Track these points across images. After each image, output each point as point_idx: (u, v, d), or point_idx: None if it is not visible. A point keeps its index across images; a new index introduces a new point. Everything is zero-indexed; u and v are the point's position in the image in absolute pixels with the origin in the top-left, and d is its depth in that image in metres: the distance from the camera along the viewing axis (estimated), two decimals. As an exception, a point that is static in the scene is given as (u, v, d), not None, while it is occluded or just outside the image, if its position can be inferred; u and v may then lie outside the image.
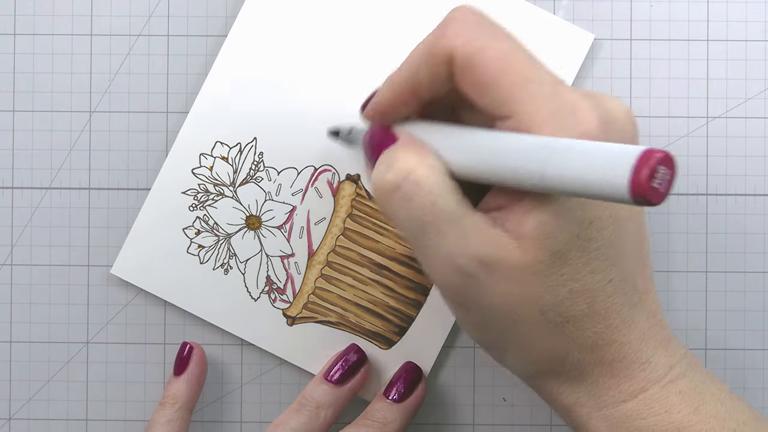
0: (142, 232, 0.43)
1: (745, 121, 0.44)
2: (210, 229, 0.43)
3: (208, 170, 0.43)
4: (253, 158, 0.43)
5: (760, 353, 0.44)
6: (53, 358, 0.44)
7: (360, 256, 0.43)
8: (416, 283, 0.43)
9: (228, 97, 0.43)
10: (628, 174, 0.27)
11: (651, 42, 0.44)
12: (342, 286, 0.44)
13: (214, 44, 0.44)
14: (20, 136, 0.44)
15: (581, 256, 0.32)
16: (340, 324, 0.44)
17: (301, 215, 0.44)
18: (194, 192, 0.43)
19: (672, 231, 0.44)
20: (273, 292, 0.43)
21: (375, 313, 0.44)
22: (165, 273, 0.43)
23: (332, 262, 0.43)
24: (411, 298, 0.44)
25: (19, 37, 0.44)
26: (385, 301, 0.44)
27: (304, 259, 0.44)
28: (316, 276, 0.44)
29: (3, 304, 0.44)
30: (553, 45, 0.43)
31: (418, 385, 0.42)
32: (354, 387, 0.42)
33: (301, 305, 0.43)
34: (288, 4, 0.43)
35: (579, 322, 0.33)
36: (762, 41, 0.44)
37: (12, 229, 0.44)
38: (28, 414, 0.44)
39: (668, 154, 0.27)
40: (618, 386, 0.34)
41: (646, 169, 0.26)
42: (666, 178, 0.27)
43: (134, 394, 0.44)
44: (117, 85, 0.44)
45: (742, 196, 0.44)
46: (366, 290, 0.44)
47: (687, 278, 0.44)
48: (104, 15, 0.44)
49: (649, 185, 0.26)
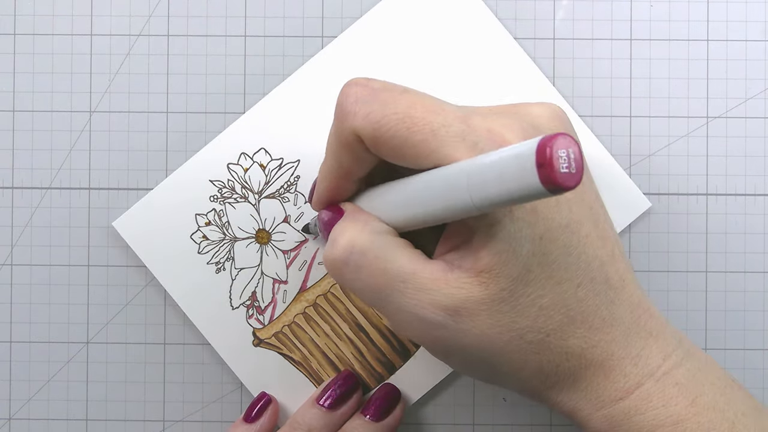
0: (158, 200, 0.43)
1: (745, 121, 0.44)
2: (220, 226, 0.43)
3: (243, 171, 0.43)
4: (289, 178, 0.43)
5: (760, 353, 0.44)
6: (53, 358, 0.44)
7: (346, 311, 0.43)
8: (387, 358, 0.43)
9: (295, 109, 0.43)
10: (534, 168, 0.26)
11: (651, 42, 0.44)
12: (318, 331, 0.43)
13: (215, 44, 0.44)
14: (20, 136, 0.44)
15: (542, 271, 0.32)
16: (300, 365, 0.43)
17: (309, 250, 0.43)
18: (221, 185, 0.43)
19: (672, 231, 0.44)
20: (253, 308, 0.43)
21: (337, 369, 0.43)
22: (161, 247, 0.43)
23: (319, 305, 0.43)
24: (376, 370, 0.44)
25: (19, 37, 0.44)
26: (351, 363, 0.43)
27: (294, 291, 0.43)
28: (298, 311, 0.43)
29: (3, 304, 0.44)
30: (612, 196, 0.43)
31: (396, 406, 0.43)
32: (346, 413, 0.42)
33: (273, 331, 0.43)
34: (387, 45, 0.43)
35: (559, 333, 0.33)
36: (762, 41, 0.44)
37: (12, 229, 0.44)
38: (28, 414, 0.44)
39: (561, 134, 0.26)
40: (613, 385, 0.34)
41: (546, 158, 0.26)
42: (571, 158, 0.26)
43: (134, 394, 0.44)
44: (117, 85, 0.44)
45: (742, 196, 0.44)
46: (338, 345, 0.43)
47: (687, 278, 0.44)
48: (104, 15, 0.44)
49: (555, 172, 0.26)
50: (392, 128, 0.32)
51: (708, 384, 0.34)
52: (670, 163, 0.44)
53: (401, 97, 0.33)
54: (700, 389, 0.34)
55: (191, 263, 0.43)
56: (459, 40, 0.43)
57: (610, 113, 0.44)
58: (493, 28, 0.43)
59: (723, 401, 0.34)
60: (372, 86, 0.33)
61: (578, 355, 0.33)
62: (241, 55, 0.44)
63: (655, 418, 0.33)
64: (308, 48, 0.44)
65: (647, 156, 0.44)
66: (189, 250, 0.43)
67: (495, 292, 0.32)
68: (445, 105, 0.33)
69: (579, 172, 0.27)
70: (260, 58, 0.44)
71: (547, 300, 0.32)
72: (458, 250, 0.33)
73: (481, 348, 0.33)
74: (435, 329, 0.33)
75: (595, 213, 0.34)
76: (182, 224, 0.43)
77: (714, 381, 0.35)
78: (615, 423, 0.34)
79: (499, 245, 0.31)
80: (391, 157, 0.33)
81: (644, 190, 0.44)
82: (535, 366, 0.34)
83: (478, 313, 0.32)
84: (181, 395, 0.44)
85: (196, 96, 0.44)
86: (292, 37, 0.44)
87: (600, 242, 0.34)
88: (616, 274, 0.34)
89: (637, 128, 0.44)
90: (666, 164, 0.44)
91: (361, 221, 0.34)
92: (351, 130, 0.33)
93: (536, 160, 0.26)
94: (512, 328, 0.32)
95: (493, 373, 0.35)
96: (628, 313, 0.34)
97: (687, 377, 0.34)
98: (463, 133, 0.31)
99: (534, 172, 0.26)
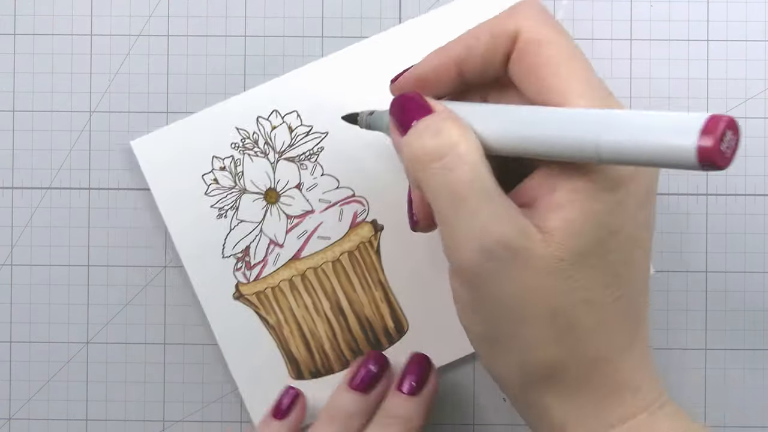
0: (181, 132, 0.43)
1: (745, 121, 0.44)
2: (234, 174, 0.43)
3: (271, 128, 0.43)
4: (313, 147, 0.43)
5: (760, 353, 0.44)
6: (53, 358, 0.44)
7: (332, 291, 0.43)
8: (359, 347, 0.44)
9: (340, 84, 0.43)
10: (695, 138, 0.27)
11: (651, 42, 0.44)
12: (299, 301, 0.43)
13: (215, 44, 0.44)
14: (20, 136, 0.44)
15: (599, 265, 0.32)
16: (273, 329, 0.43)
17: (312, 221, 0.43)
18: (245, 135, 0.43)
19: (672, 231, 0.44)
20: (242, 262, 0.43)
21: (307, 343, 0.43)
22: (171, 177, 0.43)
23: (307, 277, 0.43)
24: (345, 355, 0.44)
25: (19, 37, 0.44)
26: (322, 342, 0.43)
27: (286, 257, 0.43)
28: (285, 278, 0.43)
29: (3, 304, 0.44)
30: None
31: (430, 375, 0.41)
32: (380, 393, 0.41)
33: (255, 290, 0.43)
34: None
35: (584, 334, 0.32)
36: (762, 41, 0.44)
37: (12, 229, 0.44)
38: (28, 414, 0.44)
39: (733, 119, 0.27)
40: (610, 410, 0.33)
41: (716, 133, 0.27)
42: (732, 143, 0.27)
43: (134, 394, 0.44)
44: (117, 85, 0.44)
45: (742, 196, 0.44)
46: (315, 320, 0.43)
47: (687, 278, 0.44)
48: (104, 15, 0.44)
49: (718, 149, 0.27)
50: (553, 50, 0.32)
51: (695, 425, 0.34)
52: (670, 163, 0.44)
53: (571, 40, 0.33)
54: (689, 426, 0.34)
55: (195, 201, 0.43)
56: None
57: (610, 113, 0.44)
58: None
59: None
60: (549, 13, 0.34)
61: (589, 366, 0.33)
62: (241, 55, 0.44)
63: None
64: (308, 48, 0.44)
65: (647, 156, 0.44)
66: (197, 188, 0.43)
67: (551, 257, 0.31)
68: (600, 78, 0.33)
69: (732, 157, 0.27)
70: (260, 58, 0.44)
71: (591, 296, 0.32)
72: (531, 206, 0.32)
73: (512, 305, 0.32)
74: (486, 260, 0.31)
75: (649, 245, 0.34)
76: (198, 161, 0.43)
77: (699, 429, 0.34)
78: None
79: (575, 216, 0.31)
80: (525, 75, 0.32)
81: (644, 190, 0.44)
82: (547, 354, 0.32)
83: (530, 268, 0.31)
84: (181, 395, 0.44)
85: (196, 96, 0.44)
86: (292, 37, 0.44)
87: (645, 273, 0.34)
88: (645, 307, 0.34)
89: (637, 128, 0.44)
90: (666, 164, 0.44)
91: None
92: (515, 27, 0.32)
93: (703, 129, 0.27)
94: (549, 303, 0.32)
95: (505, 341, 0.33)
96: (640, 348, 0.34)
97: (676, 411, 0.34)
98: (604, 98, 0.32)
99: (693, 141, 0.27)
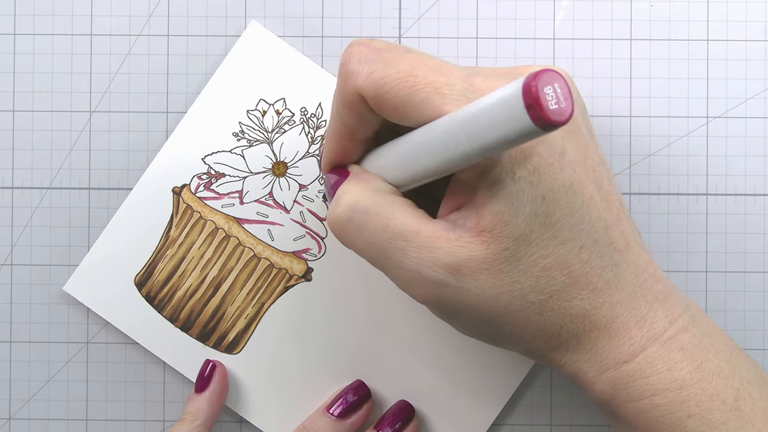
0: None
1: (745, 121, 0.44)
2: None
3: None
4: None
5: (760, 353, 0.44)
6: (53, 358, 0.44)
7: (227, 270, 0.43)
8: (191, 321, 0.43)
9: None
10: (522, 108, 0.26)
11: (651, 42, 0.44)
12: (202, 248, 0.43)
13: (214, 44, 0.44)
14: (20, 136, 0.44)
15: (545, 231, 0.32)
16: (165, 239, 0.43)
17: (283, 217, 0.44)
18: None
19: (672, 231, 0.44)
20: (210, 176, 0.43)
21: (170, 276, 0.43)
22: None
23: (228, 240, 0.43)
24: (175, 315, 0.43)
25: (19, 37, 0.44)
26: (178, 286, 0.43)
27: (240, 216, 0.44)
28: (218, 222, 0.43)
29: (3, 304, 0.44)
30: None
31: (411, 422, 0.42)
32: (356, 423, 0.42)
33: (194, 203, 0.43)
34: None
35: (562, 294, 0.33)
36: (762, 41, 0.44)
37: (12, 229, 0.44)
38: (28, 414, 0.44)
39: (544, 70, 0.27)
40: (617, 347, 0.34)
41: (533, 97, 0.26)
42: (558, 93, 0.26)
43: (134, 394, 0.44)
44: (117, 85, 0.44)
45: (742, 196, 0.44)
46: (193, 271, 0.43)
47: (687, 278, 0.44)
48: (104, 15, 0.44)
49: (544, 110, 0.26)
50: (394, 87, 0.32)
51: (714, 351, 0.34)
52: (670, 163, 0.44)
53: (404, 57, 0.33)
54: (706, 355, 0.34)
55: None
56: None
57: (610, 113, 0.44)
58: None
59: (728, 368, 0.34)
60: (374, 46, 0.33)
61: (582, 316, 0.33)
62: (241, 55, 0.44)
63: (660, 382, 0.33)
64: (308, 48, 0.44)
65: (647, 156, 0.44)
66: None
67: (497, 251, 0.32)
68: (448, 65, 0.33)
69: (569, 105, 0.27)
70: (260, 58, 0.44)
71: (550, 261, 0.32)
72: (460, 210, 0.33)
73: (484, 308, 0.33)
74: (437, 287, 0.33)
75: (599, 175, 0.34)
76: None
77: (720, 348, 0.34)
78: (619, 386, 0.34)
79: (500, 204, 0.31)
80: (394, 117, 0.33)
81: (644, 190, 0.44)
82: (538, 327, 0.34)
83: (480, 272, 0.32)
84: (181, 395, 0.44)
85: (196, 96, 0.44)
86: (292, 37, 0.44)
87: (604, 204, 0.33)
88: (620, 236, 0.34)
89: (637, 128, 0.44)
90: (666, 164, 0.44)
91: (363, 180, 0.34)
92: (354, 90, 0.33)
93: (524, 101, 0.26)
94: (514, 288, 0.32)
95: (497, 335, 0.34)
96: (633, 276, 0.34)
97: (693, 343, 0.34)
98: (465, 92, 0.32)
99: (524, 112, 0.27)
